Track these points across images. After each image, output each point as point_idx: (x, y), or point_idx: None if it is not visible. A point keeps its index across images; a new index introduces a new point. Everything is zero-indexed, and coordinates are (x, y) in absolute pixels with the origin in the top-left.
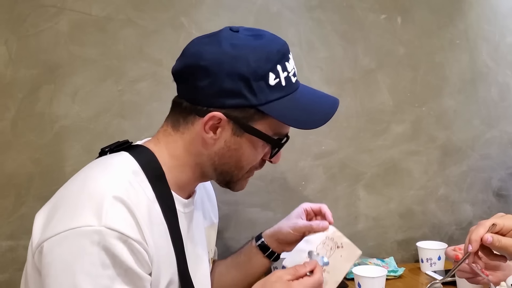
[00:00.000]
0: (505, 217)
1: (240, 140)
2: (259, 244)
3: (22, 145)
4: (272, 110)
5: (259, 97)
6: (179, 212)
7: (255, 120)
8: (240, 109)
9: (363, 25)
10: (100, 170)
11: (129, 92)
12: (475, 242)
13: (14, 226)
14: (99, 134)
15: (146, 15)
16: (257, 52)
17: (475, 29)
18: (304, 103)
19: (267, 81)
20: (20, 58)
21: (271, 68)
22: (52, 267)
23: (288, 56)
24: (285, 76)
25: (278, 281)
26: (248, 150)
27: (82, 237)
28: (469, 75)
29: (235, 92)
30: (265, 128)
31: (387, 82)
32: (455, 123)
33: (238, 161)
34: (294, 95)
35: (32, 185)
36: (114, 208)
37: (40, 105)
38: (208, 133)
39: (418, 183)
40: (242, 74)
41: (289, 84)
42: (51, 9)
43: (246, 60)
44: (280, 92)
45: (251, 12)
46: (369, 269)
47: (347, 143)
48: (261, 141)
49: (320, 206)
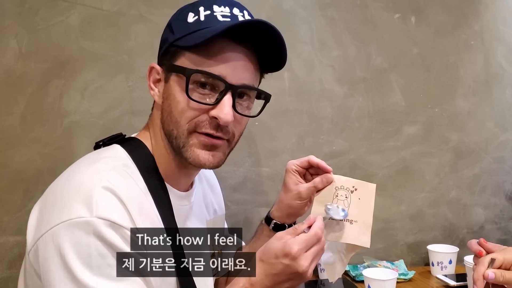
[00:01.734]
0: (505, 250)
1: (168, 86)
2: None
3: (31, 140)
4: (184, 41)
5: (176, 34)
6: (176, 205)
7: (176, 57)
8: (166, 53)
9: (376, 24)
10: (88, 163)
11: (139, 88)
12: (478, 281)
13: (23, 221)
14: (109, 130)
15: (157, 10)
16: (185, 5)
17: (490, 30)
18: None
19: (185, 19)
20: (31, 52)
21: (192, 9)
22: (49, 262)
23: (220, 2)
24: (206, 14)
25: (277, 242)
26: (173, 94)
27: (76, 229)
28: (484, 77)
29: (163, 39)
30: (183, 62)
31: (399, 82)
32: (468, 125)
33: (170, 112)
34: (212, 27)
35: (41, 180)
36: (104, 198)
37: (49, 100)
38: (154, 90)
39: (430, 185)
40: (168, 22)
41: (211, 20)
42: (62, 4)
43: (176, 13)
44: (197, 26)
45: (263, 8)
46: (379, 272)
47: (358, 144)
48: (180, 77)
49: (308, 160)
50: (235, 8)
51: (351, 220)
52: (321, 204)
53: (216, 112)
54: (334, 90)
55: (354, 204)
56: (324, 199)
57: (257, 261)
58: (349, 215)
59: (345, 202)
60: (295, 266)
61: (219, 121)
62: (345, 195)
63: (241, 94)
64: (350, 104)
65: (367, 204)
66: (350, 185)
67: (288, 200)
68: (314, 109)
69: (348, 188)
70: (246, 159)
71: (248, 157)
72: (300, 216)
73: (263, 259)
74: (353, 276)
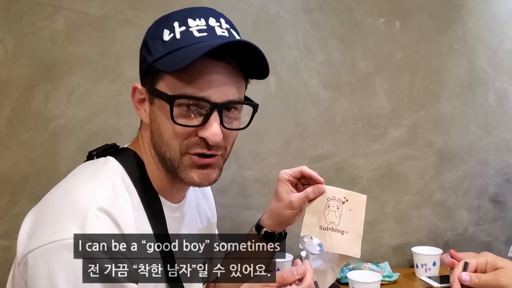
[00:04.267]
0: (479, 255)
1: (153, 108)
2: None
3: (17, 144)
4: (162, 63)
5: (154, 55)
6: (168, 217)
7: (157, 80)
8: (147, 74)
9: (361, 29)
10: (85, 180)
11: (125, 92)
12: (454, 283)
13: (8, 225)
14: (95, 134)
15: (143, 15)
16: (159, 18)
17: (473, 35)
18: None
19: (161, 37)
20: (16, 57)
21: (167, 25)
22: (37, 280)
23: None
24: (181, 30)
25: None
26: (160, 118)
27: (66, 250)
28: (467, 81)
29: (142, 59)
30: (165, 87)
31: (384, 86)
32: (452, 128)
33: (160, 135)
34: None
35: (27, 185)
36: (98, 220)
37: (35, 104)
38: (140, 109)
39: (414, 188)
40: (144, 41)
41: (187, 37)
42: (48, 8)
43: (149, 28)
44: (174, 46)
45: (249, 14)
46: (363, 274)
47: (343, 147)
48: (163, 102)
49: (301, 170)
50: (210, 18)
51: (342, 231)
52: (313, 214)
53: (204, 133)
54: (320, 94)
55: (345, 215)
56: (316, 210)
57: None
58: (340, 225)
59: (336, 212)
60: None
61: (208, 141)
62: (337, 206)
63: (228, 108)
64: (335, 108)
65: (358, 215)
66: (342, 196)
67: (279, 209)
68: (300, 113)
69: (339, 199)
70: (233, 163)
71: (235, 161)
72: (291, 224)
73: None
74: (338, 278)
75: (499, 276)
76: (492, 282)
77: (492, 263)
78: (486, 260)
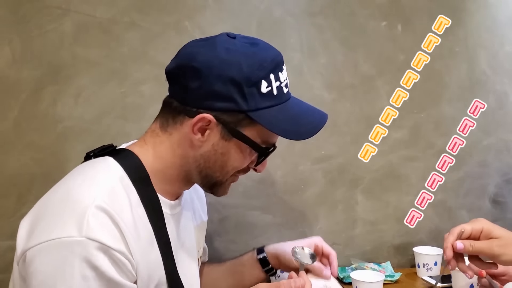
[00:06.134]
0: (474, 221)
1: (227, 145)
2: (260, 258)
3: (24, 145)
4: (262, 117)
5: (250, 103)
6: (166, 215)
7: (244, 126)
8: (230, 113)
9: (364, 32)
10: (83, 179)
11: (132, 94)
12: (447, 249)
13: (16, 226)
14: (102, 135)
15: (150, 18)
16: (251, 59)
17: (474, 38)
18: (294, 114)
19: (259, 88)
20: (24, 59)
21: (264, 76)
22: (34, 278)
23: (281, 66)
24: (277, 86)
25: None
26: (235, 156)
27: (63, 248)
28: (468, 83)
29: (225, 96)
30: (253, 135)
31: (386, 88)
32: (453, 130)
33: (223, 165)
34: (285, 105)
35: (34, 186)
36: (96, 218)
37: (43, 106)
38: (196, 134)
39: (416, 189)
40: (233, 78)
41: (281, 94)
42: (56, 11)
43: (239, 65)
44: (271, 101)
45: (254, 17)
46: (366, 274)
47: (346, 148)
48: (248, 147)
49: (331, 253)
50: (284, 66)
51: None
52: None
53: (259, 168)
54: (323, 96)
55: None
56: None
57: None
58: None
59: None
60: None
61: (258, 172)
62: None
63: None
64: (338, 110)
65: None
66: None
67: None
68: None
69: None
70: None
71: None
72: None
73: None
74: (341, 278)
75: (493, 245)
76: (485, 251)
77: (488, 231)
78: (482, 227)
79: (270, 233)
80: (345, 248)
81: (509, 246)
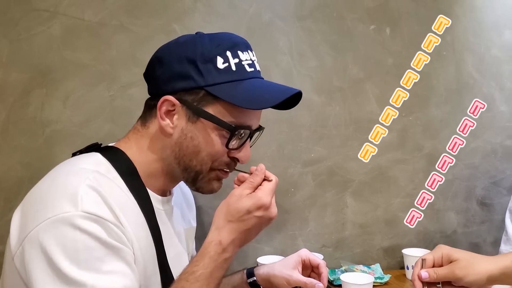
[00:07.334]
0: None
1: (195, 127)
2: (250, 282)
3: (12, 149)
4: (221, 91)
5: (207, 79)
6: (156, 209)
7: (206, 103)
8: (190, 92)
9: (352, 36)
10: (71, 168)
11: (120, 98)
12: (415, 281)
13: (3, 230)
14: (90, 139)
15: (139, 21)
16: (207, 39)
17: (461, 41)
18: (257, 87)
19: (215, 64)
20: (12, 62)
21: (219, 52)
22: (36, 261)
23: (242, 47)
24: (235, 62)
25: (241, 199)
26: (205, 138)
27: (62, 224)
28: (455, 86)
29: (184, 74)
30: (219, 112)
31: (375, 91)
32: (441, 132)
33: (196, 151)
34: (249, 81)
35: (22, 190)
36: (88, 195)
37: (31, 109)
38: (165, 120)
39: (404, 191)
40: (189, 56)
41: (241, 71)
42: (44, 13)
43: (194, 44)
44: (230, 76)
45: (243, 20)
46: (356, 276)
47: (335, 151)
48: (216, 127)
49: (319, 263)
50: (248, 51)
51: None
52: None
53: (239, 155)
54: (312, 99)
55: None
56: None
57: (224, 223)
58: None
59: None
60: (268, 215)
61: (240, 162)
62: None
63: None
64: (327, 113)
65: None
66: None
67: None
68: (293, 117)
69: None
70: None
71: None
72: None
73: (232, 220)
74: (331, 280)
75: (454, 269)
76: (449, 275)
77: (447, 255)
78: (441, 253)
79: (260, 236)
80: (335, 251)
81: (469, 267)
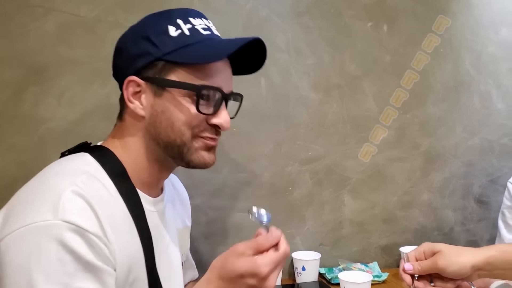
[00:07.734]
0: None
1: (164, 99)
2: None
3: (6, 147)
4: (177, 56)
5: (163, 49)
6: (147, 210)
7: (167, 71)
8: (150, 67)
9: (350, 32)
10: (58, 169)
11: (116, 95)
12: (402, 275)
13: None
14: (86, 137)
15: (135, 17)
16: (154, 15)
17: (458, 39)
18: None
19: (167, 33)
20: (6, 59)
21: (170, 23)
22: (8, 266)
23: (193, 14)
24: (189, 28)
25: (239, 259)
26: (175, 108)
27: (38, 233)
28: (453, 84)
29: (141, 53)
30: (182, 77)
31: (372, 89)
32: (438, 130)
33: (171, 124)
34: (204, 41)
35: (16, 188)
36: (71, 202)
37: (25, 107)
38: (133, 102)
39: (402, 189)
40: (142, 35)
41: (196, 34)
42: (39, 9)
43: (144, 24)
44: (186, 40)
45: (240, 17)
46: (354, 275)
47: (333, 149)
48: (184, 93)
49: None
50: (202, 18)
51: None
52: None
53: (217, 120)
54: (310, 96)
55: None
56: None
57: (215, 279)
58: None
59: None
60: (261, 287)
61: (221, 128)
62: None
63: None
64: (325, 110)
65: None
66: None
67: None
68: (291, 115)
69: None
70: (224, 165)
71: (226, 163)
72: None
73: (223, 278)
74: (328, 279)
75: (437, 260)
76: (432, 266)
77: (430, 249)
78: (423, 249)
79: None
80: (333, 249)
81: (452, 257)
